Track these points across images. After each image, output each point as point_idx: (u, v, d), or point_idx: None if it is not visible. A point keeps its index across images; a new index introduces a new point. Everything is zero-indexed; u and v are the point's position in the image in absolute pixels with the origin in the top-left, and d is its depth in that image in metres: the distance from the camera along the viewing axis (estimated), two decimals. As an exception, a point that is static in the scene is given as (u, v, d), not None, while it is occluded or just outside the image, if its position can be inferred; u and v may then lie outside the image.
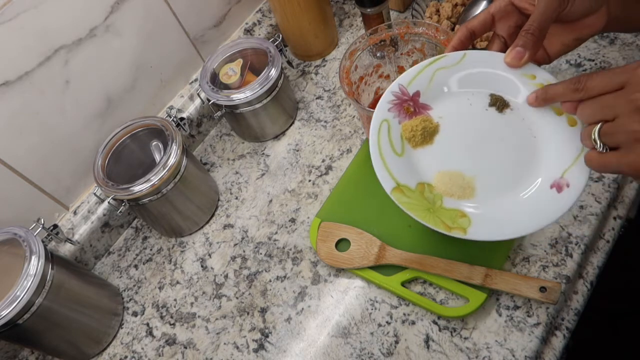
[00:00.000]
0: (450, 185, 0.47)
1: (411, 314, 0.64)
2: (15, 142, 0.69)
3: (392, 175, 0.47)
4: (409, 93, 0.50)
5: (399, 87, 0.50)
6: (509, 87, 0.49)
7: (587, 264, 0.64)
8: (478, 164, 0.48)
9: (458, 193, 0.47)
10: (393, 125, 0.49)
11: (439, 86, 0.51)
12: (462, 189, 0.47)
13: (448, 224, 0.45)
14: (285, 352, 0.66)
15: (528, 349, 0.58)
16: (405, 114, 0.50)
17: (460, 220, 0.45)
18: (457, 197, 0.47)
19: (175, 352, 0.70)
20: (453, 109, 0.50)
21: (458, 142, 0.49)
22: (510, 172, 0.47)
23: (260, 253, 0.75)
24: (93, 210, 0.79)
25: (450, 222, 0.45)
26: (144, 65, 0.81)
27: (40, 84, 0.69)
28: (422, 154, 0.49)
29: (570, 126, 0.46)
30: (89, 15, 0.71)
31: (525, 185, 0.46)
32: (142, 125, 0.76)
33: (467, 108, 0.50)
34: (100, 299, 0.72)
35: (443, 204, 0.47)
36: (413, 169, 0.48)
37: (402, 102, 0.50)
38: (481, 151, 0.48)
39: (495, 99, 0.49)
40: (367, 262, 0.67)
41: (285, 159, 0.84)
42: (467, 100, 0.50)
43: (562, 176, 0.45)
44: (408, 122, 0.49)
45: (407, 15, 0.94)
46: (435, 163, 0.48)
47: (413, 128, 0.49)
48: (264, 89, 0.77)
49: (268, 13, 0.98)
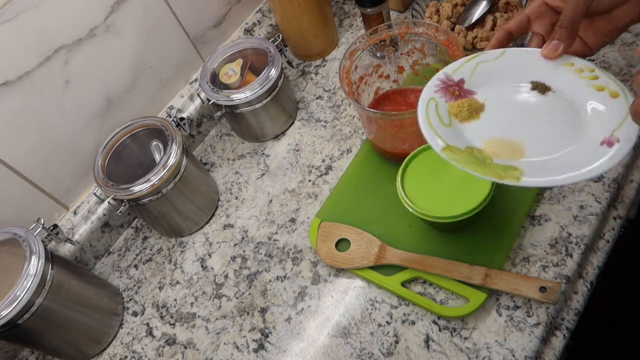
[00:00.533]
0: (499, 148, 0.50)
1: (411, 314, 0.64)
2: (15, 142, 0.69)
3: (442, 138, 0.50)
4: (454, 80, 0.55)
5: (445, 75, 0.55)
6: (549, 75, 0.53)
7: (587, 264, 0.64)
8: (525, 131, 0.51)
9: (507, 155, 0.49)
10: (440, 103, 0.53)
11: (481, 76, 0.55)
12: (511, 151, 0.49)
13: (500, 174, 0.47)
14: (285, 352, 0.66)
15: (528, 349, 0.58)
16: (451, 96, 0.54)
17: (513, 172, 0.47)
18: (508, 157, 0.49)
19: (175, 352, 0.70)
20: (497, 93, 0.54)
21: (504, 116, 0.53)
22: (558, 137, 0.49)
23: (260, 253, 0.75)
24: (93, 210, 0.79)
25: (503, 172, 0.47)
26: (144, 65, 0.81)
27: (40, 84, 0.69)
28: (469, 126, 0.52)
29: (612, 98, 0.49)
30: (89, 15, 0.71)
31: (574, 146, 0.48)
32: (142, 125, 0.76)
33: (510, 92, 0.54)
34: (100, 299, 0.72)
35: (493, 161, 0.49)
36: (461, 137, 0.51)
37: (448, 87, 0.54)
38: (527, 122, 0.51)
39: (536, 84, 0.53)
40: (367, 262, 0.67)
41: (285, 159, 0.84)
42: (509, 86, 0.54)
43: (612, 134, 0.47)
44: (454, 102, 0.53)
45: (407, 15, 0.94)
46: (483, 132, 0.51)
47: (459, 105, 0.53)
48: (264, 89, 0.77)
49: (268, 13, 0.98)
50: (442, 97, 0.54)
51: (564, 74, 0.52)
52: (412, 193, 0.63)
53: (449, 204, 0.61)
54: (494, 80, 0.55)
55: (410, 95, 0.77)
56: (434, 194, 0.62)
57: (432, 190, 0.63)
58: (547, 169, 0.47)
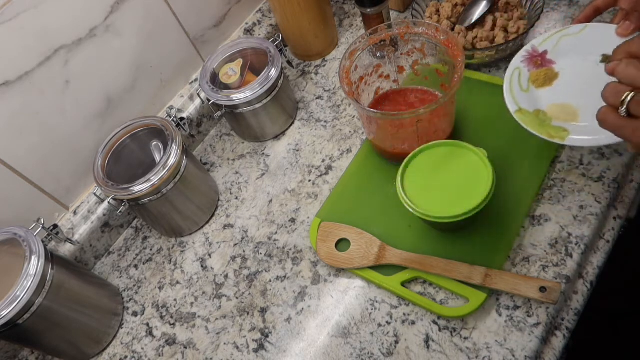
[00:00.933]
0: (559, 112, 0.62)
1: (411, 314, 0.64)
2: (15, 142, 0.69)
3: (517, 102, 0.63)
4: (539, 51, 0.67)
5: (532, 47, 0.67)
6: None
7: (587, 264, 0.64)
8: (584, 99, 0.60)
9: (564, 117, 0.61)
10: (523, 72, 0.66)
11: (563, 48, 0.66)
12: (568, 115, 0.61)
13: (551, 134, 0.59)
14: (285, 352, 0.66)
15: (528, 349, 0.58)
16: (533, 66, 0.66)
17: (562, 133, 0.59)
18: (563, 120, 0.61)
19: (175, 352, 0.70)
20: (572, 63, 0.65)
21: (572, 84, 0.64)
22: None
23: (260, 253, 0.75)
24: (93, 210, 0.79)
25: (554, 133, 0.59)
26: (144, 65, 0.81)
27: (40, 84, 0.69)
28: (542, 91, 0.64)
29: None
30: (89, 15, 0.71)
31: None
32: (142, 125, 0.76)
33: (583, 63, 0.64)
34: (100, 299, 0.72)
35: (551, 123, 0.61)
36: (533, 100, 0.63)
37: (532, 58, 0.67)
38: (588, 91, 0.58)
39: (605, 57, 0.62)
40: (367, 262, 0.67)
41: (285, 159, 0.84)
42: (584, 57, 0.64)
43: None
44: (535, 71, 0.66)
45: (407, 15, 0.94)
46: (551, 98, 0.63)
47: (538, 74, 0.65)
48: (264, 89, 0.77)
49: (268, 13, 0.98)
50: (525, 67, 0.66)
51: None
52: (412, 193, 0.63)
53: (449, 203, 0.61)
54: (573, 52, 0.65)
55: (410, 95, 0.77)
56: (434, 194, 0.62)
57: (432, 190, 0.63)
58: (591, 132, 0.56)
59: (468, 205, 0.59)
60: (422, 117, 0.65)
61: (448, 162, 0.64)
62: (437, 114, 0.67)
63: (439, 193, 0.62)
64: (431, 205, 0.61)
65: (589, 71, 0.63)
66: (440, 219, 0.60)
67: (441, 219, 0.60)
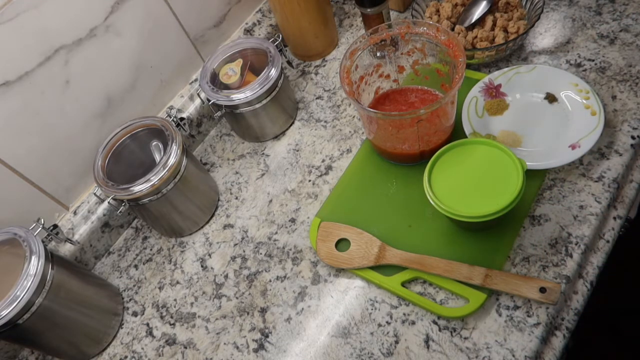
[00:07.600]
0: (507, 137, 0.72)
1: (411, 314, 0.64)
2: (15, 142, 0.69)
3: (472, 125, 0.72)
4: (494, 84, 0.76)
5: (489, 79, 0.76)
6: (560, 89, 0.73)
7: (587, 264, 0.64)
8: (528, 128, 0.72)
9: (511, 143, 0.71)
10: (479, 101, 0.75)
11: (514, 83, 0.76)
12: (514, 141, 0.71)
13: None
14: (285, 352, 0.66)
15: (528, 349, 0.58)
16: (489, 96, 0.76)
17: None
18: (509, 145, 0.70)
19: (175, 352, 0.70)
20: (520, 97, 0.75)
21: (519, 115, 0.74)
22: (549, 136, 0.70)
23: (260, 253, 0.75)
24: (93, 210, 0.79)
25: None
26: (144, 65, 0.81)
27: (40, 84, 0.69)
28: (494, 119, 0.74)
29: (592, 115, 0.68)
30: (89, 15, 0.71)
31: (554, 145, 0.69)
32: (142, 125, 0.76)
33: (530, 98, 0.75)
34: (100, 299, 0.72)
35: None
36: (486, 126, 0.73)
37: (488, 89, 0.76)
38: (532, 122, 0.72)
39: (548, 95, 0.73)
40: (367, 262, 0.67)
41: (285, 159, 0.84)
42: (531, 94, 0.75)
43: (578, 142, 0.67)
44: (490, 100, 0.75)
45: (407, 15, 0.94)
46: (501, 125, 0.73)
47: (492, 104, 0.75)
48: (264, 89, 0.77)
49: (268, 13, 0.98)
50: (482, 97, 0.76)
51: (569, 90, 0.72)
52: (440, 192, 0.62)
53: (477, 202, 0.59)
54: (522, 87, 0.75)
55: (410, 95, 0.77)
56: (461, 193, 0.61)
57: (459, 188, 0.62)
58: (529, 158, 0.66)
59: (498, 205, 0.58)
60: (423, 117, 0.65)
61: (473, 160, 0.64)
62: (438, 114, 0.67)
63: (466, 191, 0.61)
64: (459, 204, 0.60)
65: (533, 105, 0.74)
66: (470, 218, 0.59)
67: (471, 219, 0.59)
